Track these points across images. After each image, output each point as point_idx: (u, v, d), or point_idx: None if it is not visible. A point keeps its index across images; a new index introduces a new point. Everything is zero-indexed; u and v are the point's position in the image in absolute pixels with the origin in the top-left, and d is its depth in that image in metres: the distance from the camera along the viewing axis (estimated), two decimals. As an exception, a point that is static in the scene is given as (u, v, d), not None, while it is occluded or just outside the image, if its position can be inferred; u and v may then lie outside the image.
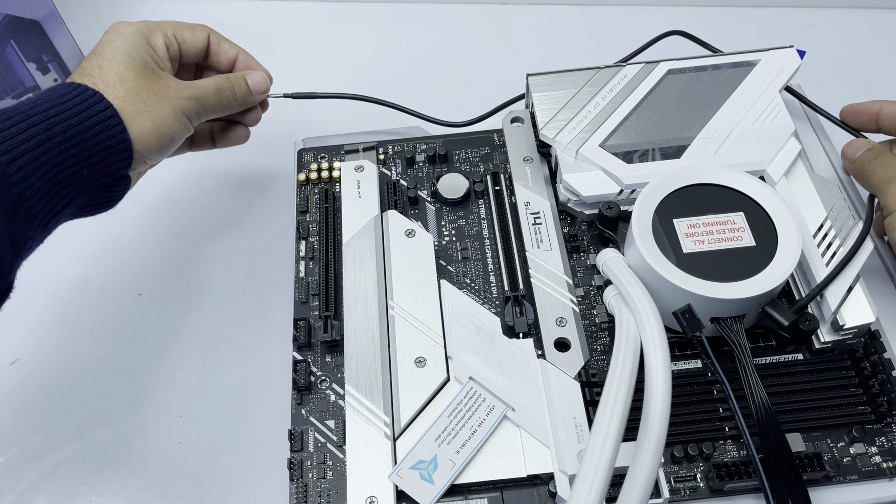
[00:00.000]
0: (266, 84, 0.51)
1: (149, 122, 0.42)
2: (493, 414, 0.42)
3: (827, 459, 0.40)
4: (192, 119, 0.45)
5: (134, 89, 0.42)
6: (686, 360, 0.44)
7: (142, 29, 0.45)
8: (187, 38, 0.48)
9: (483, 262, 0.50)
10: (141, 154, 0.43)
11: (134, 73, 0.43)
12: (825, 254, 0.44)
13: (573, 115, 0.52)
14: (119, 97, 0.41)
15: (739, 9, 0.75)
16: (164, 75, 0.45)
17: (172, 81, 0.44)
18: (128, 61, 0.43)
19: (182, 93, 0.44)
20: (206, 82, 0.46)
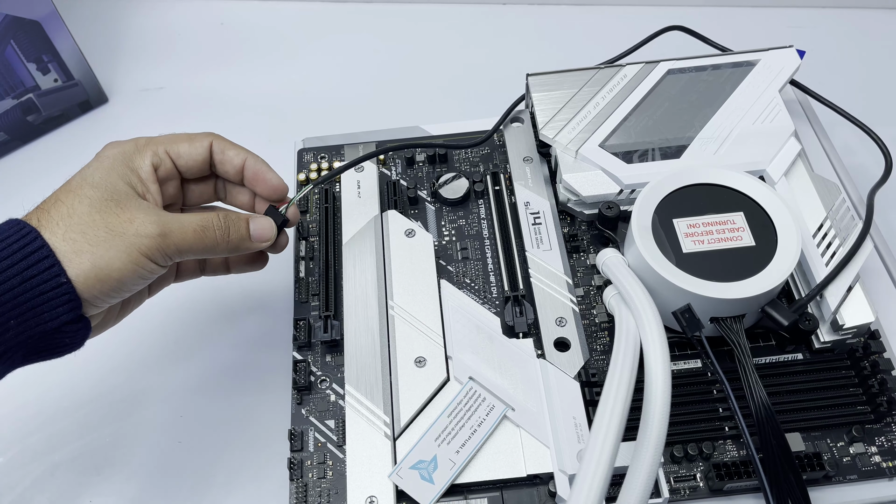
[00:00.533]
0: (271, 232, 0.43)
1: (87, 262, 0.36)
2: (493, 414, 0.42)
3: (827, 459, 0.40)
4: (155, 259, 0.38)
5: (81, 225, 0.37)
6: (686, 359, 0.44)
7: (126, 150, 0.41)
8: (184, 153, 0.43)
9: (483, 262, 0.50)
10: (87, 299, 0.37)
11: (90, 205, 0.37)
12: (825, 254, 0.44)
13: (573, 115, 0.52)
14: (59, 235, 0.36)
15: (739, 8, 0.75)
16: (133, 206, 0.38)
17: (140, 214, 0.38)
18: (89, 193, 0.38)
19: (146, 229, 0.38)
20: (188, 219, 0.40)
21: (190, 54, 0.74)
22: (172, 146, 0.42)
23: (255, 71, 0.73)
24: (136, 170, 0.40)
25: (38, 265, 0.35)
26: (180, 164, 0.43)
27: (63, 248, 0.36)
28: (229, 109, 0.70)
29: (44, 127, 0.68)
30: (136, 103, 0.70)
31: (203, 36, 0.76)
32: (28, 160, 0.66)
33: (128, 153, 0.41)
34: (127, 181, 0.39)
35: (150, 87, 0.72)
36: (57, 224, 0.37)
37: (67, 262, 0.36)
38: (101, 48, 0.73)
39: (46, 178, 0.64)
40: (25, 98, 0.65)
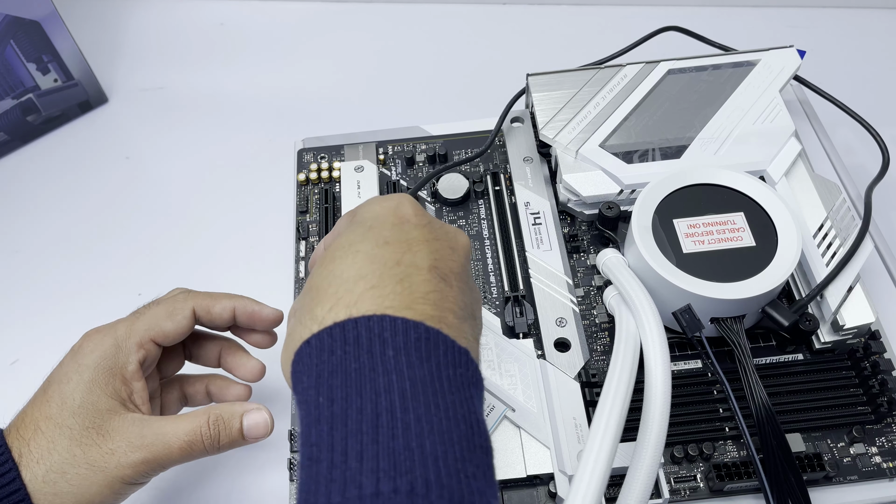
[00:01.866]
0: (266, 429, 0.39)
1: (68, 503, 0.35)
2: (493, 414, 0.42)
3: (827, 460, 0.40)
4: (138, 481, 0.37)
5: (62, 464, 0.35)
6: (686, 360, 0.44)
7: (107, 352, 0.38)
8: (169, 332, 0.40)
9: (483, 262, 0.50)
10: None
11: (70, 439, 0.36)
12: (825, 254, 0.44)
13: (573, 115, 0.52)
14: (39, 476, 0.35)
15: (739, 8, 0.75)
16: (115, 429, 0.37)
17: (122, 443, 0.36)
18: (69, 423, 0.36)
19: (129, 458, 0.36)
20: (174, 434, 0.37)
21: (190, 54, 0.74)
22: (155, 330, 0.39)
23: (255, 71, 0.73)
24: (120, 372, 0.38)
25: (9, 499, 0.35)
26: (167, 342, 0.40)
27: (43, 489, 0.35)
28: (229, 109, 0.69)
29: (44, 127, 0.68)
30: (136, 103, 0.70)
31: (203, 36, 0.76)
32: (28, 160, 0.66)
33: (108, 355, 0.38)
34: (110, 393, 0.37)
35: (150, 87, 0.71)
36: (38, 463, 0.35)
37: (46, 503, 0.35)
38: (101, 48, 0.73)
39: (46, 178, 0.65)
40: (25, 98, 0.65)
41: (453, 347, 0.29)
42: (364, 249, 0.32)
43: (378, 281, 0.30)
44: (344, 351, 0.28)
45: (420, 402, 0.27)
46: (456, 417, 0.27)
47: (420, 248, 0.32)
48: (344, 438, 0.26)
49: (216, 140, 0.67)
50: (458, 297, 0.32)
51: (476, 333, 0.33)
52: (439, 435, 0.26)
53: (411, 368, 0.28)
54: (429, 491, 0.24)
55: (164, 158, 0.66)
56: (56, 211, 0.63)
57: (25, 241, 0.61)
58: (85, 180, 0.65)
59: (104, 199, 0.63)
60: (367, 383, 0.27)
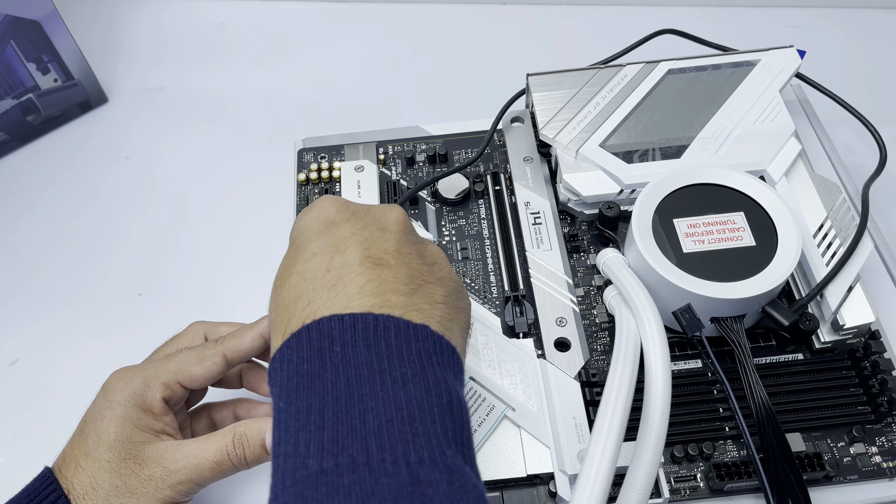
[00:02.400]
0: None
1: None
2: (493, 414, 0.42)
3: (827, 459, 0.40)
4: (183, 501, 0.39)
5: (106, 496, 0.37)
6: (686, 360, 0.44)
7: (136, 390, 0.39)
8: (197, 376, 0.40)
9: (483, 262, 0.50)
10: None
11: (110, 471, 0.37)
12: (825, 254, 0.44)
13: (573, 115, 0.52)
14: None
15: (739, 8, 0.75)
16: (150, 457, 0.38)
17: (157, 469, 0.38)
18: (107, 457, 0.38)
19: (166, 481, 0.38)
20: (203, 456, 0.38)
21: (190, 54, 0.74)
22: (183, 374, 0.40)
23: (256, 71, 0.73)
24: (149, 409, 0.39)
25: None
26: (195, 386, 0.41)
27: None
28: (229, 109, 0.69)
29: (44, 127, 0.68)
30: (136, 103, 0.70)
31: (203, 36, 0.76)
32: (28, 160, 0.66)
33: (138, 393, 0.39)
34: (141, 426, 0.39)
35: (150, 87, 0.71)
36: (83, 498, 0.37)
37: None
38: (101, 48, 0.73)
39: (46, 178, 0.65)
40: (25, 98, 0.65)
41: (406, 326, 0.31)
42: (296, 270, 0.34)
43: (313, 295, 0.32)
44: (299, 357, 0.30)
45: (366, 384, 0.29)
46: (407, 387, 0.29)
47: (348, 244, 0.34)
48: (296, 432, 0.28)
49: (216, 140, 0.67)
50: (398, 274, 0.33)
51: (436, 296, 0.34)
52: (384, 405, 0.28)
53: (357, 357, 0.30)
54: (369, 458, 0.26)
55: (164, 158, 0.66)
56: (56, 211, 0.63)
57: (25, 241, 0.61)
58: (85, 180, 0.65)
59: (104, 199, 0.63)
60: (316, 381, 0.29)
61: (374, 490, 0.26)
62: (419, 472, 0.26)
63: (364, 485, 0.26)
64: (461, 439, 0.29)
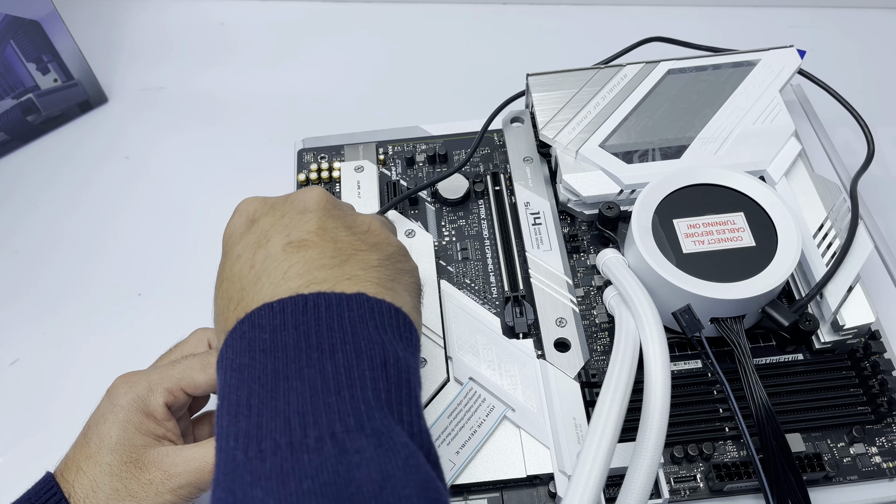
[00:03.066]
0: None
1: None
2: (493, 414, 0.42)
3: (827, 460, 0.40)
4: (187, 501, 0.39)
5: (106, 499, 0.37)
6: (686, 360, 0.44)
7: (140, 394, 0.40)
8: (201, 384, 0.41)
9: (483, 263, 0.50)
10: None
11: (111, 475, 0.37)
12: (825, 254, 0.44)
13: (573, 115, 0.52)
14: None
15: (739, 9, 0.75)
16: (151, 462, 0.38)
17: (158, 473, 0.38)
18: (108, 460, 0.38)
19: (167, 485, 0.37)
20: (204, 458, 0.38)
21: (190, 54, 0.74)
22: (187, 380, 0.40)
23: (256, 71, 0.73)
24: (151, 414, 0.39)
25: None
26: (199, 393, 0.41)
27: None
28: (229, 109, 0.69)
29: (43, 127, 0.68)
30: (136, 103, 0.70)
31: (203, 36, 0.76)
32: (28, 160, 0.66)
33: (141, 397, 0.40)
34: (144, 431, 0.39)
35: (150, 87, 0.72)
36: (83, 501, 0.37)
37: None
38: (101, 48, 0.73)
39: (46, 178, 0.65)
40: (25, 98, 0.65)
41: (337, 298, 0.31)
42: (225, 277, 0.34)
43: (241, 295, 0.32)
44: (233, 352, 0.30)
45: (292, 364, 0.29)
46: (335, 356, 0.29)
47: (270, 235, 0.34)
48: (227, 426, 0.28)
49: (216, 140, 0.67)
50: (324, 250, 0.33)
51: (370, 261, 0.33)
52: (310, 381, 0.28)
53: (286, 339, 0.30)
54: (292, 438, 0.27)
55: (164, 158, 0.66)
56: (56, 211, 0.63)
57: (25, 241, 0.61)
58: (85, 180, 0.65)
59: (104, 199, 0.63)
60: (245, 372, 0.29)
61: (294, 468, 0.26)
62: (345, 441, 0.26)
63: (285, 465, 0.26)
64: (398, 398, 0.29)
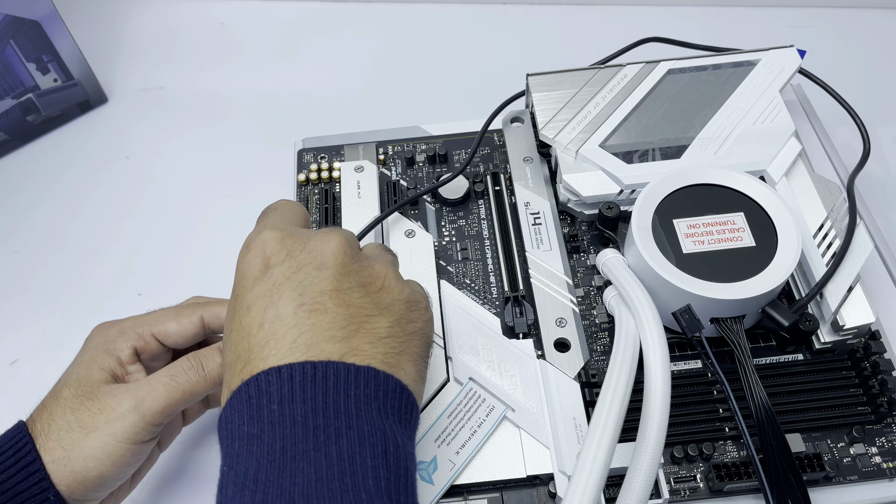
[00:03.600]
0: None
1: (66, 469, 0.36)
2: (493, 414, 0.42)
3: (827, 460, 0.40)
4: (136, 436, 0.37)
5: (58, 431, 0.37)
6: (686, 360, 0.44)
7: (109, 336, 0.40)
8: (172, 332, 0.40)
9: (483, 263, 0.50)
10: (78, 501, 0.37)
11: (64, 407, 0.37)
12: (825, 254, 0.44)
13: (573, 115, 0.52)
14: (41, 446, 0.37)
15: (739, 9, 0.75)
16: (104, 393, 0.38)
17: (109, 400, 0.37)
18: (65, 394, 0.38)
19: (115, 411, 0.37)
20: (155, 377, 0.38)
21: (190, 54, 0.74)
22: (158, 326, 0.40)
23: (256, 71, 0.73)
24: (115, 354, 0.39)
25: (29, 480, 0.36)
26: (170, 342, 0.41)
27: (45, 458, 0.36)
28: (229, 109, 0.70)
29: (43, 127, 0.68)
30: (136, 103, 0.70)
31: (203, 36, 0.76)
32: (28, 160, 0.66)
33: (110, 338, 0.40)
34: (104, 368, 0.39)
35: (150, 87, 0.72)
36: (40, 434, 0.37)
37: (52, 474, 0.36)
38: (101, 48, 0.73)
39: (46, 178, 0.65)
40: (25, 98, 0.65)
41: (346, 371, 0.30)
42: (234, 327, 0.33)
43: (249, 356, 0.31)
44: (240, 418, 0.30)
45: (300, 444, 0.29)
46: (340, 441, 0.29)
47: (283, 291, 0.32)
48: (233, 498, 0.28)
49: (216, 140, 0.67)
50: (335, 318, 0.32)
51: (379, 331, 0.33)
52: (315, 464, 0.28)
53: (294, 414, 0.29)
54: None
55: (164, 158, 0.66)
56: (56, 211, 0.63)
57: (25, 241, 0.61)
58: (85, 180, 0.65)
59: (104, 199, 0.63)
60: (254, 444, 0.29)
61: None
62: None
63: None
64: (395, 486, 0.29)
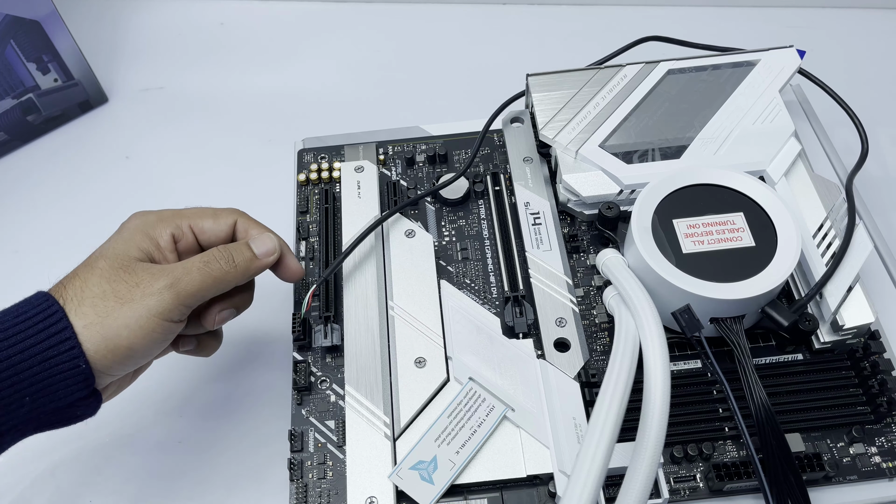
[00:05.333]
0: (273, 243, 0.43)
1: (98, 336, 0.36)
2: (493, 414, 0.42)
3: (827, 460, 0.40)
4: (170, 315, 0.38)
5: (92, 298, 0.37)
6: (686, 360, 0.44)
7: (149, 221, 0.41)
8: (207, 229, 0.43)
9: (483, 263, 0.50)
10: (100, 370, 0.37)
11: (100, 276, 0.38)
12: (825, 254, 0.44)
13: (573, 116, 0.52)
14: (72, 311, 0.37)
15: (739, 8, 0.75)
16: (141, 269, 0.39)
17: (146, 276, 0.38)
18: (101, 265, 0.39)
19: (152, 287, 0.38)
20: (190, 261, 0.40)
21: (190, 54, 0.74)
22: (197, 221, 0.43)
23: (255, 71, 0.73)
24: (154, 239, 0.41)
25: (59, 346, 0.36)
26: (203, 239, 0.43)
27: (77, 323, 0.36)
28: (229, 109, 0.70)
29: (44, 127, 0.68)
30: (136, 103, 0.70)
31: (203, 36, 0.76)
32: (28, 160, 0.66)
33: (149, 223, 0.41)
34: (142, 249, 0.40)
35: (150, 87, 0.72)
36: (71, 300, 0.37)
37: (82, 339, 0.36)
38: (101, 48, 0.73)
39: (46, 178, 0.65)
40: (25, 98, 0.65)
41: None
42: None
43: None
44: None
45: None
46: None
47: None
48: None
49: (216, 140, 0.67)
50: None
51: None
52: None
53: None
54: None
55: (164, 158, 0.66)
56: (56, 211, 0.63)
57: (25, 241, 0.61)
58: (85, 180, 0.65)
59: (104, 199, 0.63)
60: None
61: None
62: None
63: None
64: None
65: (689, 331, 0.41)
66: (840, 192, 0.48)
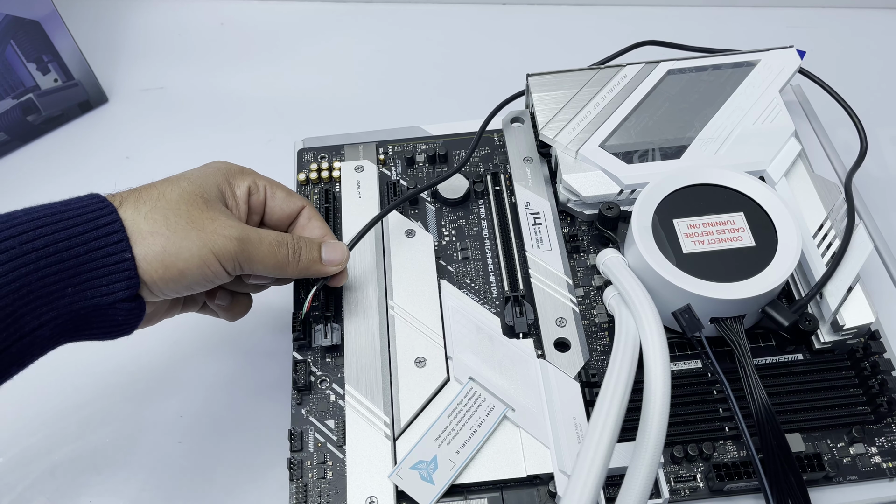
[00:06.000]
0: (343, 256, 0.44)
1: (159, 245, 0.36)
2: (493, 414, 0.42)
3: (827, 460, 0.40)
4: (224, 262, 0.38)
5: (166, 209, 0.37)
6: (686, 360, 0.44)
7: (232, 169, 0.42)
8: (279, 199, 0.44)
9: (483, 263, 0.50)
10: (146, 281, 0.36)
11: (180, 195, 0.38)
12: (825, 254, 0.44)
13: (573, 116, 0.52)
14: (142, 213, 0.37)
15: (739, 9, 0.75)
16: (218, 209, 0.39)
17: (222, 217, 0.38)
18: (183, 185, 0.39)
19: (225, 231, 0.38)
20: (266, 233, 0.40)
21: (190, 54, 0.74)
22: (273, 187, 0.44)
23: (255, 71, 0.73)
24: (232, 186, 0.42)
25: (107, 238, 0.36)
26: (270, 205, 0.44)
27: (143, 226, 0.36)
28: (229, 109, 0.70)
29: (44, 127, 0.68)
30: (136, 103, 0.70)
31: (203, 36, 0.76)
32: (28, 160, 0.66)
33: (232, 171, 0.42)
34: (220, 189, 0.41)
35: (150, 87, 0.72)
36: (144, 203, 0.37)
37: (140, 240, 0.36)
38: (101, 48, 0.73)
39: (46, 178, 0.65)
40: (25, 98, 0.65)
41: None
42: None
43: None
44: None
45: None
46: None
47: None
48: None
49: (216, 140, 0.67)
50: None
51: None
52: None
53: None
54: None
55: (164, 158, 0.66)
56: (56, 211, 0.63)
57: (25, 241, 0.61)
58: (85, 180, 0.65)
59: (104, 199, 0.63)
60: None
61: None
62: None
63: None
64: None
65: (690, 331, 0.41)
66: (840, 193, 0.47)
